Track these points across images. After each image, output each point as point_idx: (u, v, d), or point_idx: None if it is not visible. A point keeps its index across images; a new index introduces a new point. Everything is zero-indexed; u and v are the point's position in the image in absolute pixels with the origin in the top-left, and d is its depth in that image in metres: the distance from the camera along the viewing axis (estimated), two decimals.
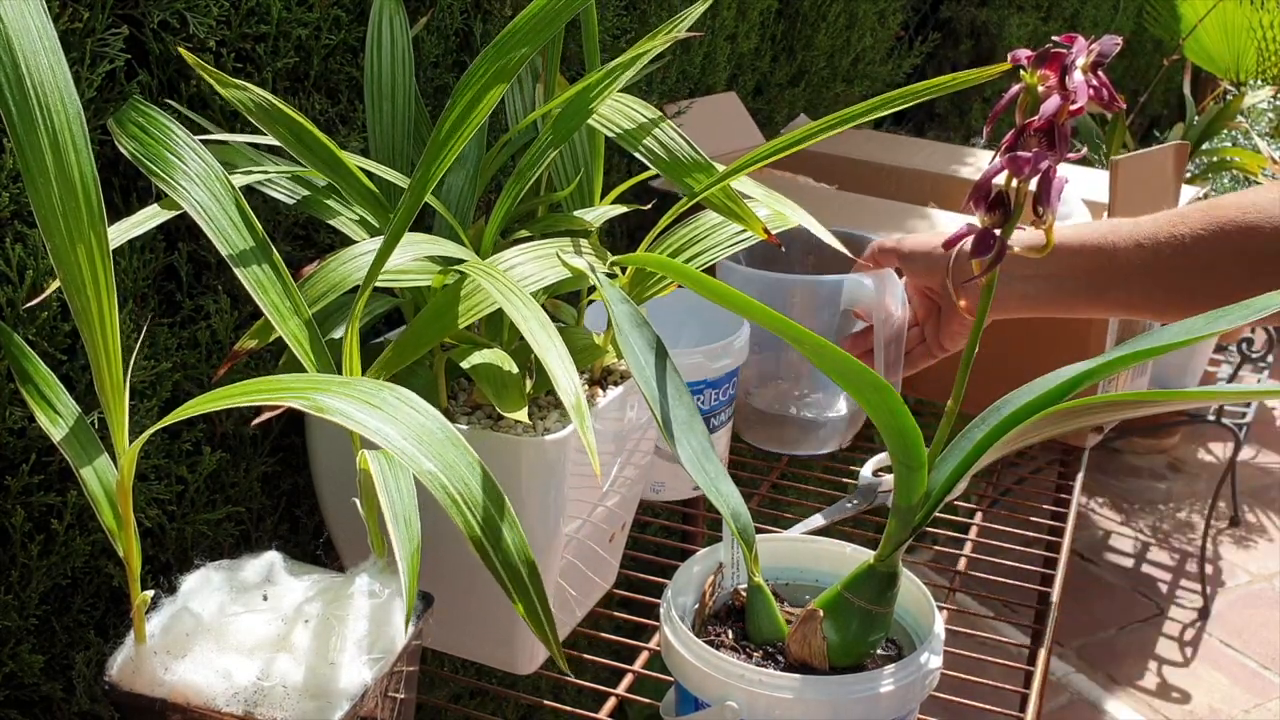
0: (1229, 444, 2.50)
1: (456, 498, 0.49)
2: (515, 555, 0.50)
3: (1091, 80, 0.52)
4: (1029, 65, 0.53)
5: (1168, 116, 2.94)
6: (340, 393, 0.50)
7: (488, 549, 0.49)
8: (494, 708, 1.13)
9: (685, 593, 0.66)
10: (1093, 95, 0.52)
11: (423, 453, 0.49)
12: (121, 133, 0.59)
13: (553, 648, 0.51)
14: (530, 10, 0.59)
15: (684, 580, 0.66)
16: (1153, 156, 1.13)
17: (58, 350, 0.65)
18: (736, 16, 1.33)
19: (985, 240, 0.54)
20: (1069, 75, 0.52)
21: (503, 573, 0.50)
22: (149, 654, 0.55)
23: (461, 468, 0.50)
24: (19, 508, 0.64)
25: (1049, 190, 0.53)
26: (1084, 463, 1.16)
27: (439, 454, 0.49)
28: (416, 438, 0.49)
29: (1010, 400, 0.59)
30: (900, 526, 0.59)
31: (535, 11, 0.59)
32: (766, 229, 0.69)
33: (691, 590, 0.66)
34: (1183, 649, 2.01)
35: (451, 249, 0.66)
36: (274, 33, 0.75)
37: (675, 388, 0.60)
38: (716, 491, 0.60)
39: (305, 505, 0.86)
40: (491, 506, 0.50)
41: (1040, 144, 0.53)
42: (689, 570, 0.67)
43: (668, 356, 0.61)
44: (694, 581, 0.67)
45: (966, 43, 2.01)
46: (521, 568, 0.50)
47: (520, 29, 0.59)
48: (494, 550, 0.50)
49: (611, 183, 0.81)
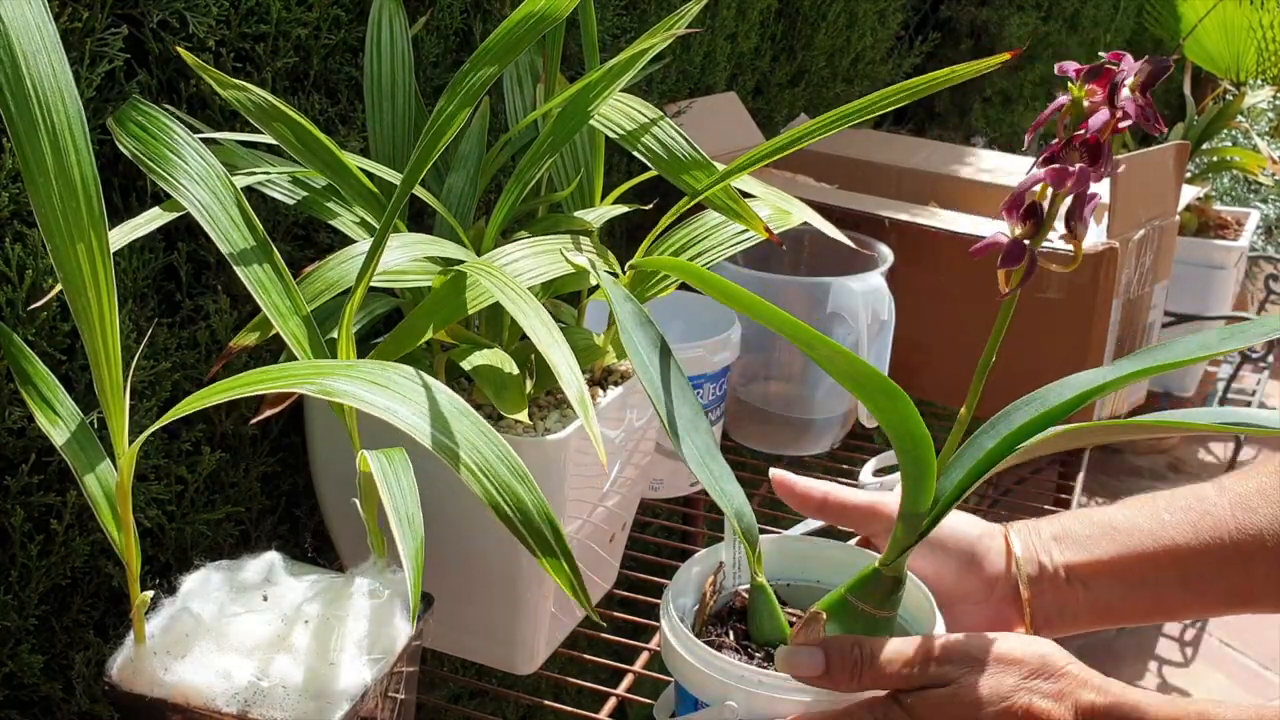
0: (1229, 444, 2.50)
1: (473, 467, 0.49)
2: (537, 516, 0.50)
3: (1138, 99, 0.52)
4: (1077, 79, 0.53)
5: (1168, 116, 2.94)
6: (345, 375, 0.50)
7: (509, 513, 0.50)
8: (494, 708, 1.13)
9: (685, 593, 0.66)
10: (1138, 114, 0.52)
11: (434, 426, 0.49)
12: (122, 132, 0.59)
13: (583, 601, 0.51)
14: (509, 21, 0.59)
15: (684, 581, 0.66)
16: (1153, 156, 1.13)
17: (57, 351, 0.65)
18: (736, 16, 1.33)
19: (1016, 251, 0.53)
20: (1118, 92, 0.52)
21: (526, 534, 0.50)
22: (149, 654, 0.55)
23: (474, 438, 0.50)
24: (19, 508, 0.64)
25: (1084, 205, 0.53)
26: (1084, 463, 1.16)
27: (451, 427, 0.50)
28: (427, 413, 0.50)
29: (1019, 408, 0.58)
30: (907, 532, 0.58)
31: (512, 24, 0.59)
32: (768, 228, 0.69)
33: (691, 591, 0.66)
34: (1183, 649, 2.01)
35: (451, 249, 0.66)
36: (274, 32, 0.75)
37: (679, 386, 0.60)
38: (720, 491, 0.60)
39: (305, 505, 0.86)
40: (509, 472, 0.50)
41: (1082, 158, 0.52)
42: (688, 571, 0.66)
43: (671, 355, 0.61)
44: (693, 582, 0.66)
45: (966, 42, 2.01)
46: (545, 527, 0.50)
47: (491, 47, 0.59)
48: (516, 513, 0.50)
49: (612, 183, 0.81)
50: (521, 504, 0.50)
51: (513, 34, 0.59)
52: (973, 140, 1.98)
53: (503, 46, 0.59)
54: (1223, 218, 1.80)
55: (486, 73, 0.59)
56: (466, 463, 0.49)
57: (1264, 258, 2.03)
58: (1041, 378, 0.58)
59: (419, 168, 0.58)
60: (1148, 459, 2.61)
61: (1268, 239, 2.06)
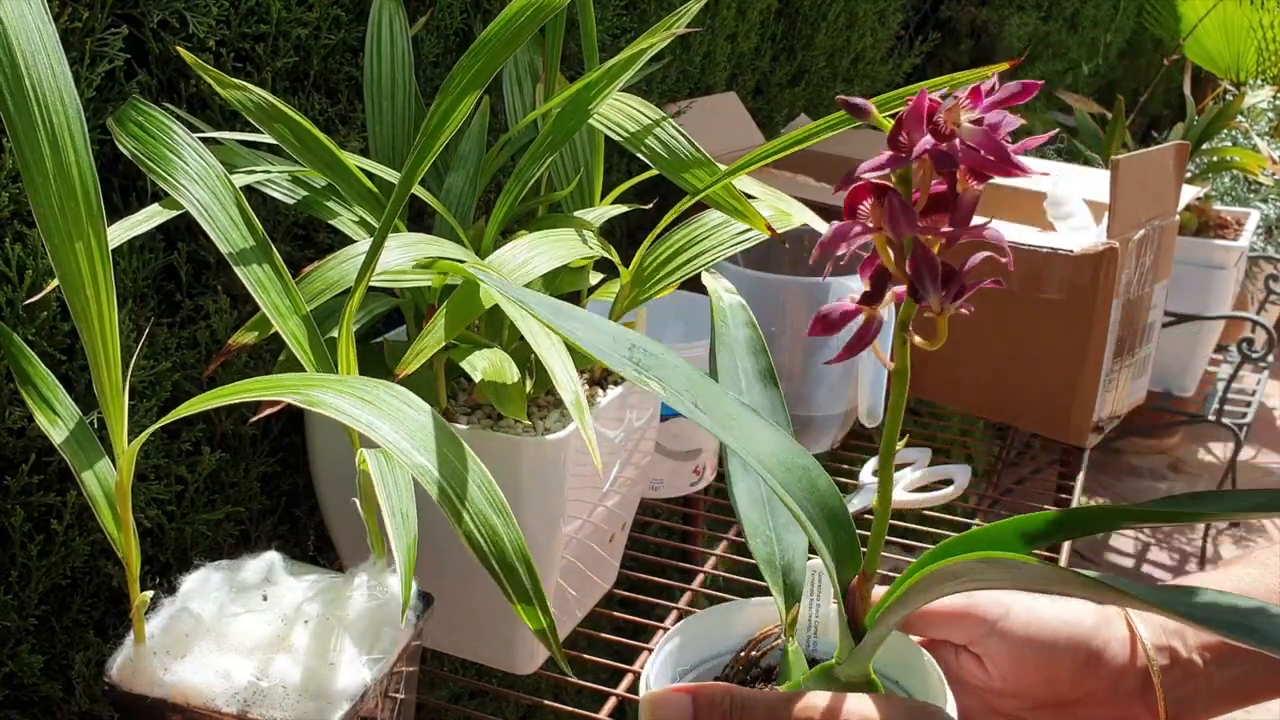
0: (1229, 444, 2.50)
1: (450, 493, 0.48)
2: (511, 552, 0.49)
3: (962, 138, 0.42)
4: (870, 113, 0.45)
5: (1168, 116, 2.94)
6: (335, 389, 0.50)
7: (482, 545, 0.48)
8: (494, 708, 1.13)
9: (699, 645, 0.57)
10: (964, 157, 0.42)
11: (415, 447, 0.48)
12: (121, 132, 0.59)
13: (552, 646, 0.50)
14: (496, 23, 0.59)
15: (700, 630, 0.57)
16: (1153, 156, 1.13)
17: (57, 350, 0.65)
18: (736, 16, 1.33)
19: (837, 320, 0.46)
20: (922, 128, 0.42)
21: (498, 569, 0.49)
22: (149, 654, 0.55)
23: (456, 463, 0.49)
24: (19, 508, 0.64)
25: (928, 267, 0.43)
26: (1084, 463, 1.16)
27: (432, 449, 0.49)
28: (409, 433, 0.49)
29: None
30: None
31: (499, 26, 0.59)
32: (771, 226, 0.69)
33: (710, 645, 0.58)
34: None
35: (451, 249, 0.66)
36: (274, 32, 0.75)
37: (773, 403, 0.56)
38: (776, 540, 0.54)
39: (305, 505, 0.86)
40: (486, 503, 0.49)
41: (880, 204, 0.43)
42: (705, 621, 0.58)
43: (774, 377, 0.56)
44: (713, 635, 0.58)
45: (966, 42, 2.01)
46: (518, 565, 0.49)
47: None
48: (489, 546, 0.49)
49: (611, 183, 0.81)
50: (497, 538, 0.49)
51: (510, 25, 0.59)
52: None
53: (500, 40, 0.59)
54: (1223, 218, 1.80)
55: (483, 65, 0.58)
56: (444, 487, 0.48)
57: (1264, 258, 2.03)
58: (1041, 377, 0.57)
59: (419, 163, 0.58)
60: (1148, 459, 2.61)
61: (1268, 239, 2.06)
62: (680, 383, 0.47)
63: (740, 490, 0.56)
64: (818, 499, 0.51)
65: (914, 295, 0.44)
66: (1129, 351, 1.15)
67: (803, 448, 0.51)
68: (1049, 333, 1.08)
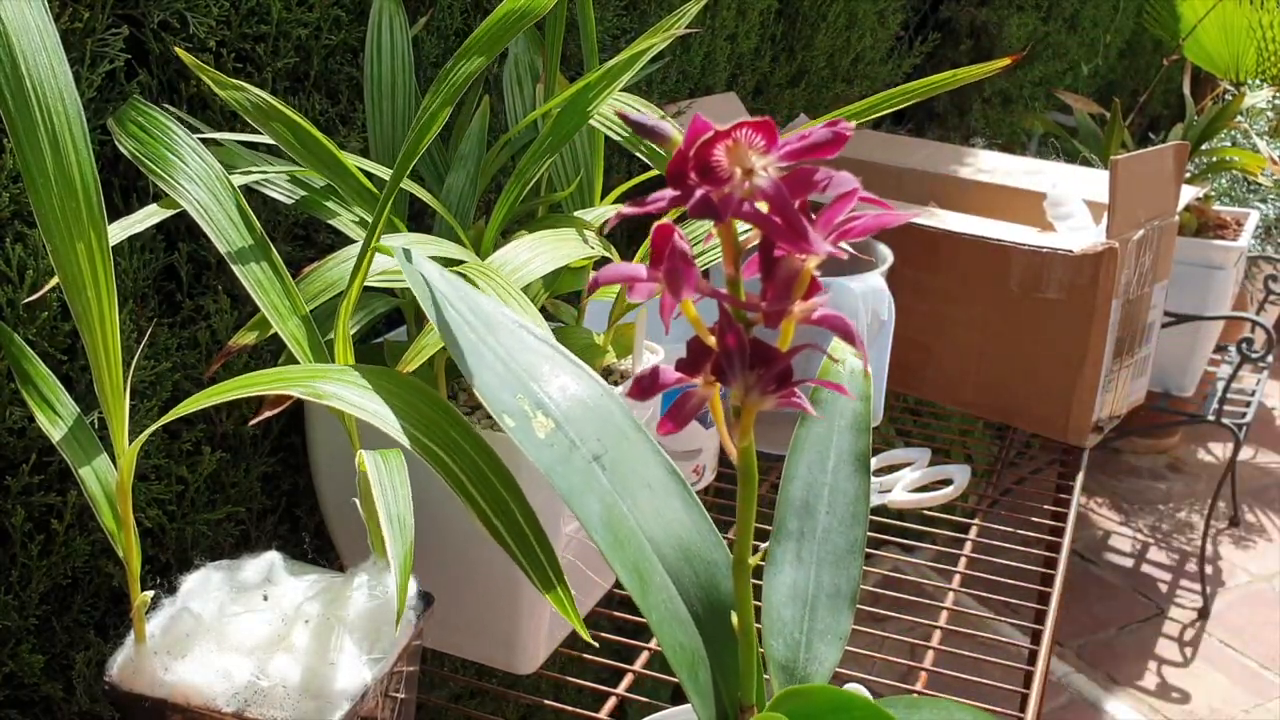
0: (1229, 444, 2.50)
1: (459, 474, 0.49)
2: (524, 525, 0.50)
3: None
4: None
5: (1168, 116, 2.94)
6: (338, 379, 0.50)
7: (495, 522, 0.49)
8: (494, 708, 1.13)
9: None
10: (745, 212, 0.33)
11: (423, 432, 0.49)
12: (121, 132, 0.59)
13: (570, 615, 0.50)
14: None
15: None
16: (1153, 156, 1.13)
17: (58, 350, 0.65)
18: (736, 16, 1.33)
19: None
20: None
21: (512, 543, 0.49)
22: (149, 654, 0.55)
23: (464, 445, 0.50)
24: (19, 508, 0.64)
25: (738, 351, 0.33)
26: (1084, 463, 1.16)
27: (440, 433, 0.50)
28: (415, 419, 0.49)
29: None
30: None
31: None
32: None
33: None
34: (1182, 649, 2.01)
35: (451, 249, 0.66)
36: (274, 33, 0.75)
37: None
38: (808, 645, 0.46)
39: (305, 505, 0.86)
40: (497, 480, 0.50)
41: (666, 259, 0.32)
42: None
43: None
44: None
45: (966, 43, 2.01)
46: (531, 536, 0.50)
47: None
48: (502, 522, 0.49)
49: (611, 183, 0.81)
50: (509, 513, 0.49)
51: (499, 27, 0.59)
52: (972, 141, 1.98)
53: (486, 40, 0.59)
54: (1222, 218, 1.80)
55: (472, 64, 0.58)
56: (453, 469, 0.49)
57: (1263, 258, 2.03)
58: (1041, 378, 0.58)
59: (408, 159, 0.58)
60: (1147, 459, 2.61)
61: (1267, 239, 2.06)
62: (590, 430, 0.41)
63: (782, 579, 0.48)
64: (710, 602, 0.42)
65: (719, 376, 0.36)
66: (1128, 351, 1.15)
67: (720, 540, 0.44)
68: (1049, 333, 1.08)
